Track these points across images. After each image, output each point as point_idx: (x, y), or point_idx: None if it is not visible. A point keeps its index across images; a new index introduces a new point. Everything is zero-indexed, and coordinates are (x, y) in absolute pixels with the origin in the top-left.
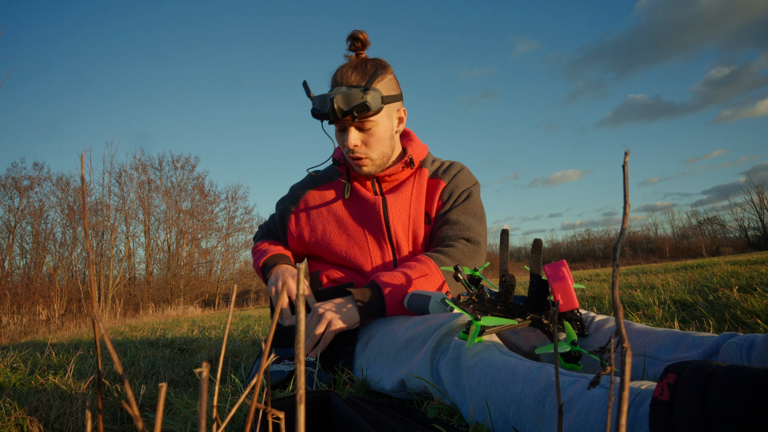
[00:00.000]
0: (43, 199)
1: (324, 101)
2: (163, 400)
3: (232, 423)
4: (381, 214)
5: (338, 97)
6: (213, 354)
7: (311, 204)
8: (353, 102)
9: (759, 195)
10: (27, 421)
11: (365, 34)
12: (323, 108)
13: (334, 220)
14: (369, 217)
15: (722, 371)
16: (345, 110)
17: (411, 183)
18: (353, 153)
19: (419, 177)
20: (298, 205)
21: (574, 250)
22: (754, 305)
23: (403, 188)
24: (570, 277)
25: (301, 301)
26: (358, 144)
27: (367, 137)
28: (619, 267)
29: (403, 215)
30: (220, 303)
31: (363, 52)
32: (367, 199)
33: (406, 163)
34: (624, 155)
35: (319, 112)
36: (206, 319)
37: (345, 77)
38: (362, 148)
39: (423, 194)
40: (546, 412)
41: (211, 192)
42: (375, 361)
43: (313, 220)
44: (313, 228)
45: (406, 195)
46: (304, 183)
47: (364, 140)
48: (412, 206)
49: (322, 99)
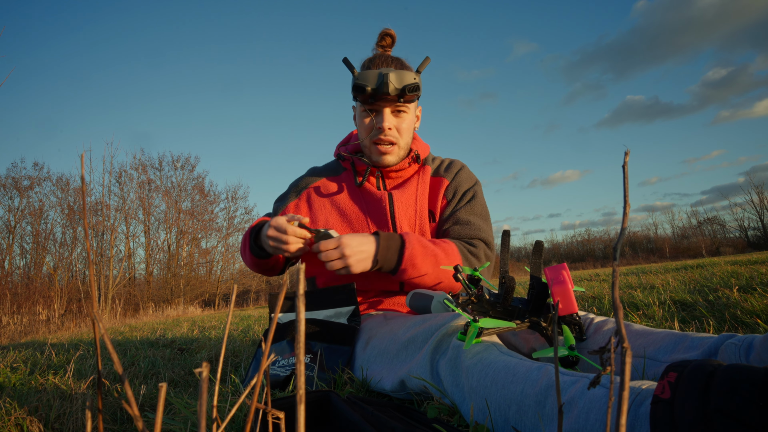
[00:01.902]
0: (43, 199)
1: (375, 76)
2: (163, 400)
3: (232, 423)
4: (387, 209)
5: (392, 74)
6: (213, 354)
7: (314, 194)
8: (406, 81)
9: (759, 195)
10: (27, 421)
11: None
12: (373, 82)
13: (337, 213)
14: (374, 211)
15: (723, 370)
16: (398, 87)
17: (415, 180)
18: (385, 136)
19: (423, 174)
20: (300, 195)
21: (574, 250)
22: (754, 305)
23: (408, 184)
24: (570, 280)
25: (301, 301)
26: (392, 127)
27: (399, 123)
28: (619, 267)
29: (410, 211)
30: (220, 303)
31: (390, 50)
32: (372, 193)
33: (412, 158)
34: (624, 155)
35: (364, 86)
36: (206, 319)
37: (387, 62)
38: (395, 132)
39: (427, 191)
40: (547, 412)
41: (211, 192)
42: (375, 361)
43: (315, 211)
44: (314, 219)
45: (411, 191)
46: (305, 176)
47: (397, 126)
48: (417, 202)
49: (373, 73)
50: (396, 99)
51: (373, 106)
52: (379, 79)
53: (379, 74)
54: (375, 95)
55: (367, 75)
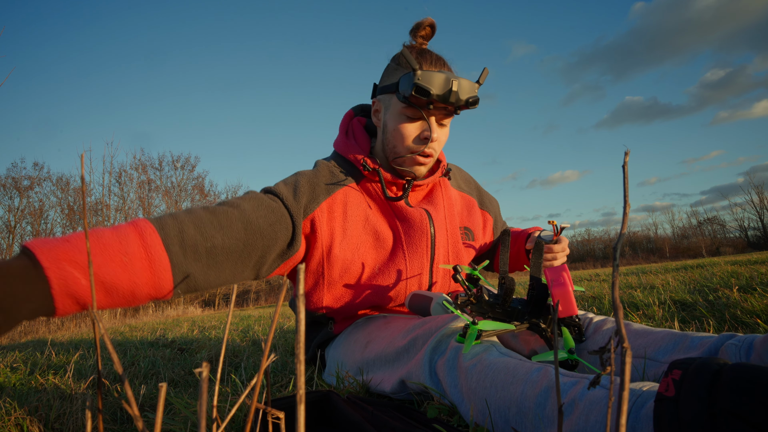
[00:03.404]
0: (43, 199)
1: (442, 80)
2: (163, 400)
3: (232, 423)
4: (428, 232)
5: (463, 83)
6: (213, 354)
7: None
8: (471, 93)
9: (759, 195)
10: (27, 421)
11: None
12: (439, 88)
13: (369, 232)
14: (413, 234)
15: (729, 369)
16: (462, 98)
17: (439, 193)
18: (427, 148)
19: (444, 185)
20: (335, 198)
21: (574, 250)
22: (754, 305)
23: (434, 198)
24: (571, 282)
25: (301, 301)
26: (436, 139)
27: (441, 135)
28: (619, 267)
29: (445, 233)
30: (220, 303)
31: (426, 43)
32: (409, 212)
33: (444, 173)
34: (624, 155)
35: (428, 90)
36: (206, 319)
37: (446, 65)
38: (437, 144)
39: (453, 206)
40: (547, 414)
41: (211, 192)
42: (374, 363)
43: (349, 226)
44: (348, 236)
45: (440, 206)
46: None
47: (439, 138)
48: (447, 220)
49: (440, 77)
50: (454, 110)
51: (427, 112)
52: (447, 85)
53: (447, 79)
54: (436, 102)
55: (432, 77)
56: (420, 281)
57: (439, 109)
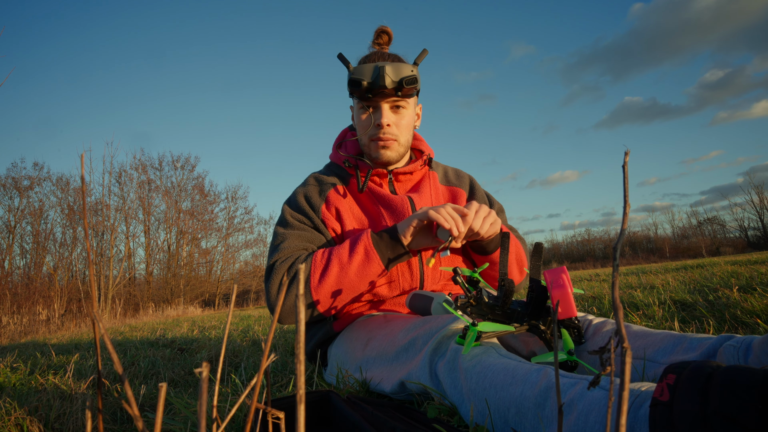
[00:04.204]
0: (43, 199)
1: (371, 69)
2: (163, 400)
3: (232, 423)
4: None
5: (388, 67)
6: (213, 354)
7: (337, 202)
8: (403, 73)
9: (759, 195)
10: (27, 421)
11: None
12: (369, 76)
13: (357, 221)
14: (398, 218)
15: (722, 372)
16: (395, 80)
17: (427, 184)
18: (384, 133)
19: (432, 180)
20: (328, 201)
21: (574, 250)
22: (754, 305)
23: (421, 189)
24: (570, 284)
25: (301, 301)
26: (390, 123)
27: (398, 119)
28: (619, 267)
29: None
30: (220, 303)
31: (387, 48)
32: (391, 198)
33: (425, 161)
34: (624, 155)
35: (359, 80)
36: (206, 319)
37: (384, 56)
38: (393, 128)
39: (440, 198)
40: (546, 414)
41: (211, 192)
42: (374, 362)
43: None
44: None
45: (426, 196)
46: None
47: (396, 122)
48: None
49: (369, 67)
50: (394, 93)
51: (370, 102)
52: (375, 72)
53: (375, 67)
54: (371, 89)
55: (362, 69)
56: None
57: (380, 95)
